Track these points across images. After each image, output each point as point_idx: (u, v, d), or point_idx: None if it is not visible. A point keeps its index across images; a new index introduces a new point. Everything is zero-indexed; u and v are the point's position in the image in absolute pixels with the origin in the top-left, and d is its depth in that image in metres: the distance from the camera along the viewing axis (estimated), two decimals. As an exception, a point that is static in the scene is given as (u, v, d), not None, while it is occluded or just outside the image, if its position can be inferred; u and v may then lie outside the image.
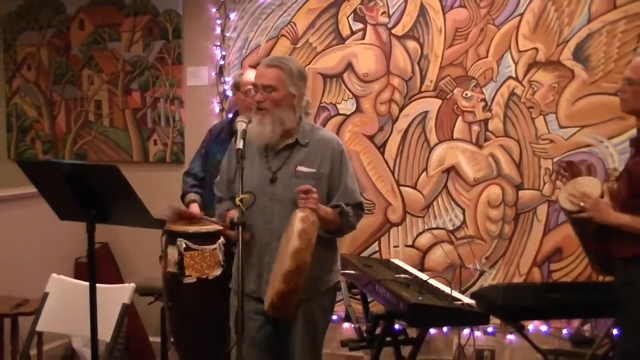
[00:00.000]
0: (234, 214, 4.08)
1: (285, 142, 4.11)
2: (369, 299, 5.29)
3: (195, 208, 5.27)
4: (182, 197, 5.45)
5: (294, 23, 6.26)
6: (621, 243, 4.11)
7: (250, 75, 5.16)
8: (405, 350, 4.98)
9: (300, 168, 4.09)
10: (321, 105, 6.20)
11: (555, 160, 5.72)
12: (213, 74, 6.49)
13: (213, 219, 4.70)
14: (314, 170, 4.09)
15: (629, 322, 4.19)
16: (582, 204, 4.20)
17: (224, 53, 6.44)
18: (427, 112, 6.00)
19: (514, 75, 5.82)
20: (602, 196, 4.22)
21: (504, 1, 5.80)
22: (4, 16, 7.12)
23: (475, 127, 5.92)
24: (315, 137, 4.17)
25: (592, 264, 4.87)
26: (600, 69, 5.63)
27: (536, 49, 5.77)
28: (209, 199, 5.00)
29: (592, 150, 5.60)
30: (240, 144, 3.87)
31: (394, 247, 6.13)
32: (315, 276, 3.95)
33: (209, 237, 4.76)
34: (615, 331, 5.00)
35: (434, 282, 4.84)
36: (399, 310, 4.41)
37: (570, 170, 4.58)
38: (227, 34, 6.43)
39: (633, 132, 4.70)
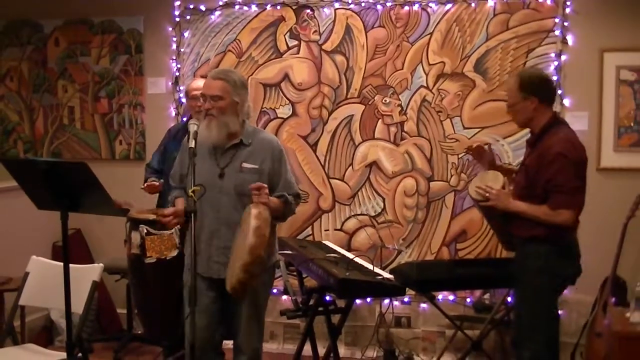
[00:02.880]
0: (181, 202, 4.12)
1: (232, 143, 4.12)
2: (304, 275, 5.28)
3: (155, 181, 5.25)
4: (144, 182, 5.43)
5: (239, 40, 6.23)
6: (520, 225, 4.18)
7: (196, 83, 5.20)
8: (335, 318, 4.99)
9: (245, 164, 4.09)
10: (262, 110, 6.19)
11: (460, 156, 5.81)
12: (170, 83, 6.42)
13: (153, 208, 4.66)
14: (256, 167, 4.10)
15: (523, 290, 4.26)
16: (487, 194, 4.26)
17: (179, 66, 6.38)
18: (352, 115, 6.02)
19: (425, 85, 5.87)
20: (503, 187, 4.28)
21: (416, 22, 5.85)
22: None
23: (393, 129, 5.96)
24: (257, 138, 4.19)
25: (500, 242, 4.94)
26: (496, 80, 5.73)
27: (443, 62, 5.83)
28: (165, 188, 4.97)
29: (490, 147, 5.66)
30: (192, 143, 3.86)
31: (325, 230, 6.15)
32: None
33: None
34: (509, 299, 5.09)
35: (359, 260, 4.84)
36: (330, 284, 4.40)
37: (475, 151, 4.67)
38: (182, 49, 6.37)
39: (524, 132, 4.77)
